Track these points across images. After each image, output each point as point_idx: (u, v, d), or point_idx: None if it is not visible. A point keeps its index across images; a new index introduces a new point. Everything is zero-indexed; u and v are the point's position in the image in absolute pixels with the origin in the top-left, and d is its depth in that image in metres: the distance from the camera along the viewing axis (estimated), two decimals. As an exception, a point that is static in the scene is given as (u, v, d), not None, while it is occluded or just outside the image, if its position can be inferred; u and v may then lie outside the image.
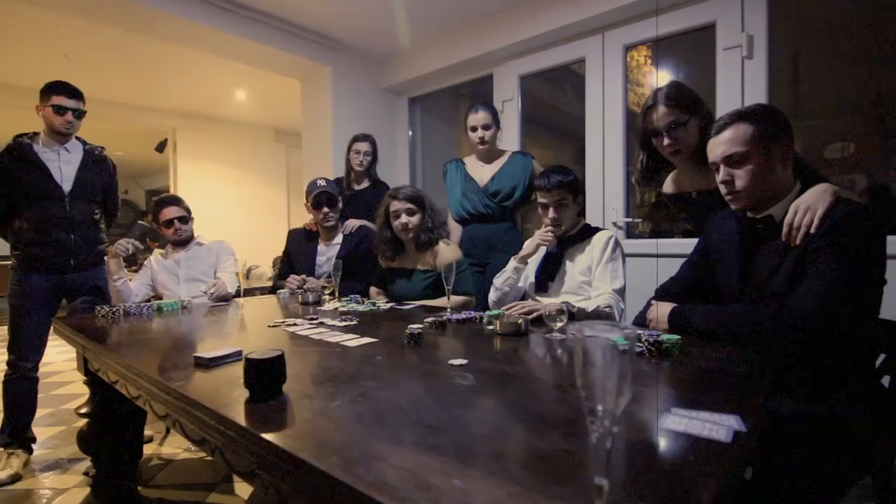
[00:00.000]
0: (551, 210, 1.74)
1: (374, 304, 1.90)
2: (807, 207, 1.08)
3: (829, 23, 2.33)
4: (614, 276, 1.67)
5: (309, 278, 2.33)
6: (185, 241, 2.39)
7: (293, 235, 2.57)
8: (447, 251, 2.01)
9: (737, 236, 1.25)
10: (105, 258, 2.20)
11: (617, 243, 1.73)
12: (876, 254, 1.04)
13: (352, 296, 2.01)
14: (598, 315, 1.55)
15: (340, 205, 2.46)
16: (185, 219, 2.38)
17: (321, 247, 2.45)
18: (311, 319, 1.59)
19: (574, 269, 1.76)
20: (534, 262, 1.86)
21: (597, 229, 1.79)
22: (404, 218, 1.98)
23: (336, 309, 1.84)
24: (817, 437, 1.00)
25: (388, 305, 1.90)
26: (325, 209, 2.35)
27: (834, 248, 1.01)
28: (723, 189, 1.18)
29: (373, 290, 2.22)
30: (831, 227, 1.03)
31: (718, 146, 1.16)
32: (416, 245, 2.04)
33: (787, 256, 1.10)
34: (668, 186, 1.76)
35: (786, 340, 1.02)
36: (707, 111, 1.59)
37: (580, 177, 2.33)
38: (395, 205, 2.00)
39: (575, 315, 1.49)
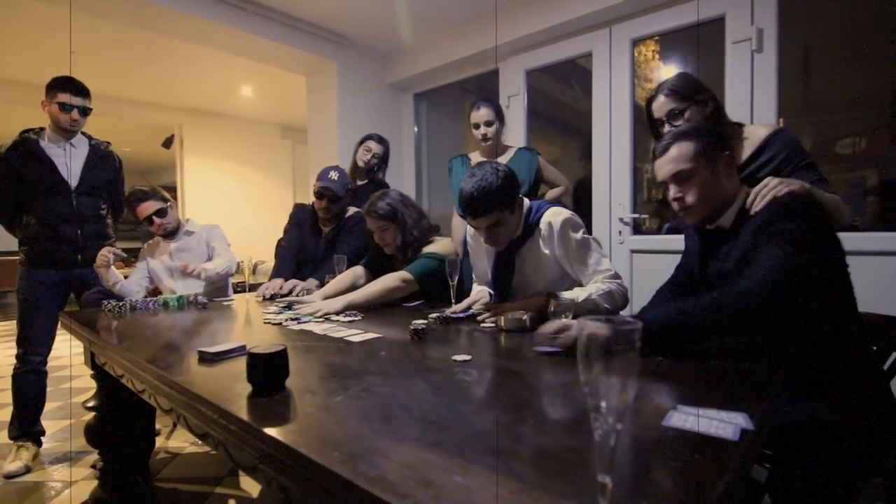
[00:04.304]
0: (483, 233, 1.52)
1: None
2: (766, 183, 1.13)
3: (841, 15, 2.29)
4: (596, 262, 1.48)
5: (307, 281, 2.22)
6: (172, 232, 2.29)
7: (299, 210, 2.55)
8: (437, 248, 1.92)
9: (697, 247, 1.28)
10: (95, 269, 2.09)
11: (566, 223, 1.49)
12: (821, 232, 1.05)
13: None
14: (596, 306, 1.40)
15: (345, 202, 2.40)
16: (164, 211, 2.20)
17: (325, 230, 2.43)
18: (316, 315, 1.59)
19: (528, 269, 1.59)
20: (487, 270, 1.69)
21: (537, 215, 1.54)
22: (377, 236, 1.96)
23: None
24: (827, 438, 0.98)
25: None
26: (324, 203, 2.30)
27: (776, 230, 1.03)
28: (675, 206, 1.20)
29: (358, 269, 2.07)
30: (774, 215, 1.05)
31: (665, 165, 1.17)
32: (403, 257, 1.96)
33: (733, 251, 1.13)
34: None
35: (739, 319, 0.98)
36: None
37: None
38: (368, 222, 1.96)
39: (572, 308, 1.38)
